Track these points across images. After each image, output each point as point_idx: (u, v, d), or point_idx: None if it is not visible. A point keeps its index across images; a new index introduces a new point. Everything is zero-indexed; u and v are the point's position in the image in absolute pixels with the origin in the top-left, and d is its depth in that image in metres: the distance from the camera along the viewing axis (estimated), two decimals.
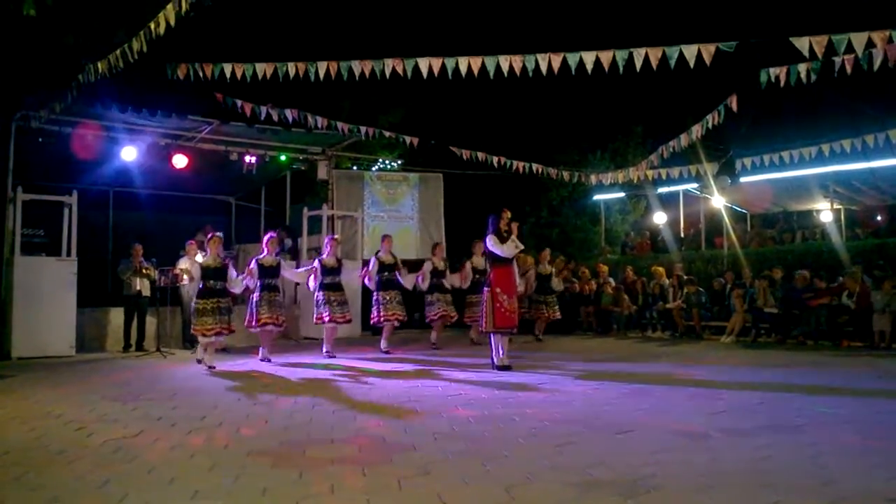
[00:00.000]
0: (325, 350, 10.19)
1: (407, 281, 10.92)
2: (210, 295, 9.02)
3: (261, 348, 9.78)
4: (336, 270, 10.30)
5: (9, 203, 10.54)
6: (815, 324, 11.56)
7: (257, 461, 4.21)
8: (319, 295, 10.10)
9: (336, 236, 11.23)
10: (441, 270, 11.48)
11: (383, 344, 10.72)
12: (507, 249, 8.40)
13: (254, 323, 9.57)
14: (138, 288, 11.24)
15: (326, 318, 10.02)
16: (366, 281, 10.77)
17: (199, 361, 9.13)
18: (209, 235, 9.53)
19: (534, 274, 12.50)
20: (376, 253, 11.07)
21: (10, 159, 10.67)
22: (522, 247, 8.69)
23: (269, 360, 9.55)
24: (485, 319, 8.51)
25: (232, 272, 9.37)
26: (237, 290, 9.59)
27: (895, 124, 11.10)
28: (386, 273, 10.73)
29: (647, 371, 8.47)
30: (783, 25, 11.90)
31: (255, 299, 9.64)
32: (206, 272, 9.10)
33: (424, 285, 11.19)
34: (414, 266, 11.90)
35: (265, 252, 9.78)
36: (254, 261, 9.73)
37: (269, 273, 9.69)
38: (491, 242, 8.43)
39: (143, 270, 11.15)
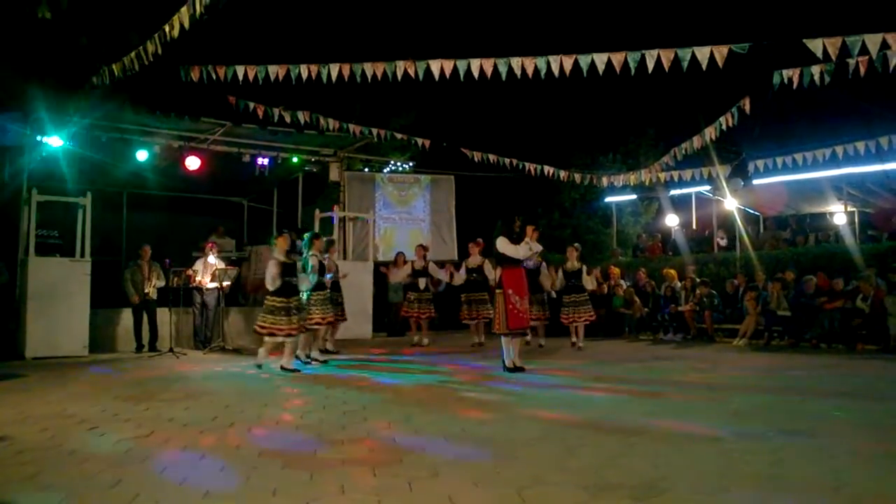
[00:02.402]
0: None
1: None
2: (286, 293, 8.79)
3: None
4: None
5: (24, 204, 10.63)
6: (828, 327, 11.48)
7: (268, 462, 4.22)
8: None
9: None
10: (419, 269, 11.94)
11: (329, 345, 10.73)
12: (521, 251, 8.41)
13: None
14: (145, 291, 11.30)
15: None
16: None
17: (260, 367, 8.77)
18: (281, 233, 9.26)
19: (555, 272, 11.83)
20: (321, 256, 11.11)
21: (25, 161, 10.78)
22: (540, 248, 8.65)
23: (310, 361, 9.49)
24: (497, 321, 8.49)
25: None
26: (305, 286, 9.37)
27: None
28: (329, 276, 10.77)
29: (658, 374, 8.44)
30: (796, 27, 11.82)
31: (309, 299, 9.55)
32: (282, 269, 8.82)
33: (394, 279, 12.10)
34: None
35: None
36: (316, 259, 9.60)
37: (321, 271, 9.70)
38: (502, 245, 8.43)
39: (153, 284, 11.26)
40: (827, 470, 3.99)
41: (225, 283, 11.42)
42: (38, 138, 10.92)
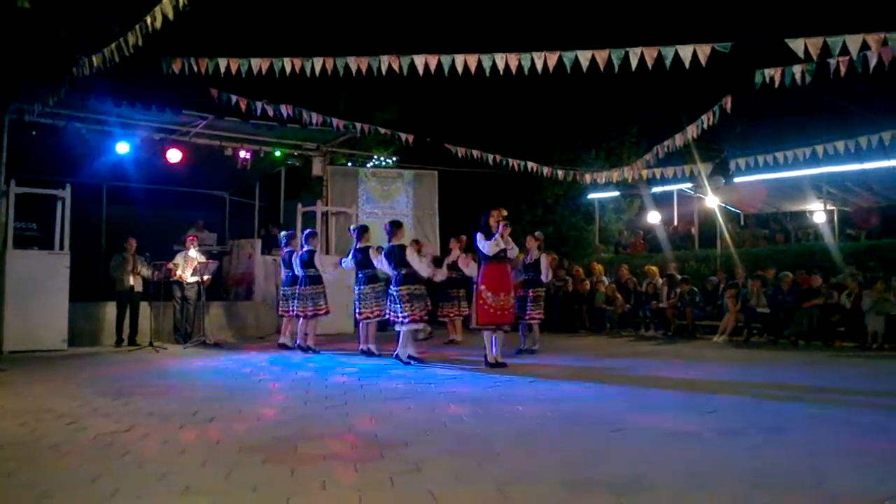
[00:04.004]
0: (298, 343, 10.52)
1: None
2: (423, 280, 9.12)
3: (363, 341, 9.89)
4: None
5: (2, 196, 10.49)
6: (807, 324, 11.59)
7: (249, 457, 4.21)
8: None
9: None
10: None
11: (281, 339, 10.82)
12: (490, 248, 8.38)
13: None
14: (131, 283, 11.20)
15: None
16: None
17: (413, 359, 8.95)
18: (398, 224, 9.42)
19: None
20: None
21: (3, 152, 10.64)
22: (504, 246, 8.41)
23: (373, 353, 9.71)
24: (471, 317, 8.61)
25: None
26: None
27: (889, 126, 11.15)
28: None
29: (639, 370, 8.48)
30: (778, 27, 11.92)
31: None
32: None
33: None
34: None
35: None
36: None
37: (368, 265, 9.71)
38: (478, 238, 8.47)
39: (136, 272, 11.12)
40: (807, 467, 4.03)
41: (206, 278, 11.36)
42: (17, 129, 10.79)
